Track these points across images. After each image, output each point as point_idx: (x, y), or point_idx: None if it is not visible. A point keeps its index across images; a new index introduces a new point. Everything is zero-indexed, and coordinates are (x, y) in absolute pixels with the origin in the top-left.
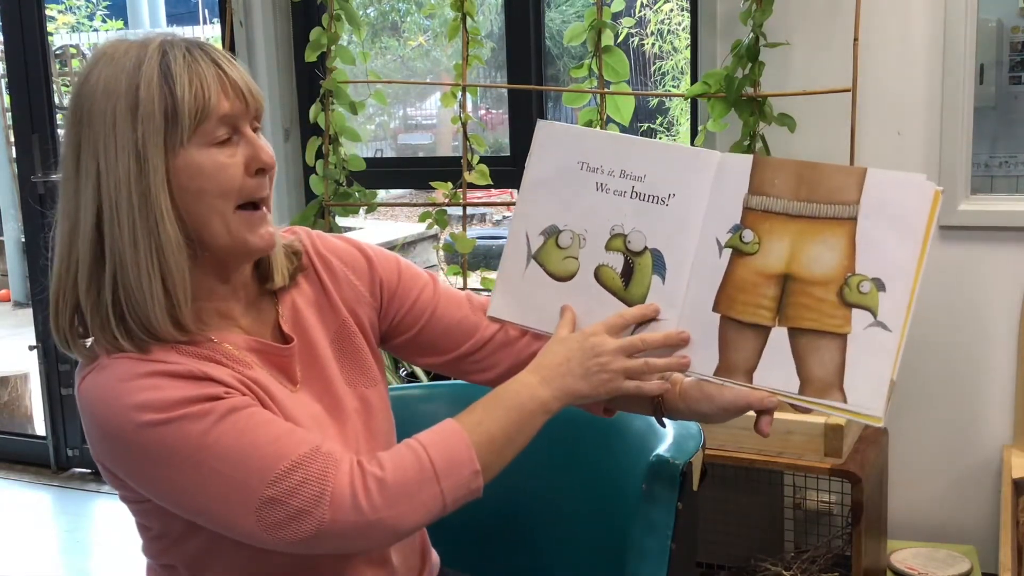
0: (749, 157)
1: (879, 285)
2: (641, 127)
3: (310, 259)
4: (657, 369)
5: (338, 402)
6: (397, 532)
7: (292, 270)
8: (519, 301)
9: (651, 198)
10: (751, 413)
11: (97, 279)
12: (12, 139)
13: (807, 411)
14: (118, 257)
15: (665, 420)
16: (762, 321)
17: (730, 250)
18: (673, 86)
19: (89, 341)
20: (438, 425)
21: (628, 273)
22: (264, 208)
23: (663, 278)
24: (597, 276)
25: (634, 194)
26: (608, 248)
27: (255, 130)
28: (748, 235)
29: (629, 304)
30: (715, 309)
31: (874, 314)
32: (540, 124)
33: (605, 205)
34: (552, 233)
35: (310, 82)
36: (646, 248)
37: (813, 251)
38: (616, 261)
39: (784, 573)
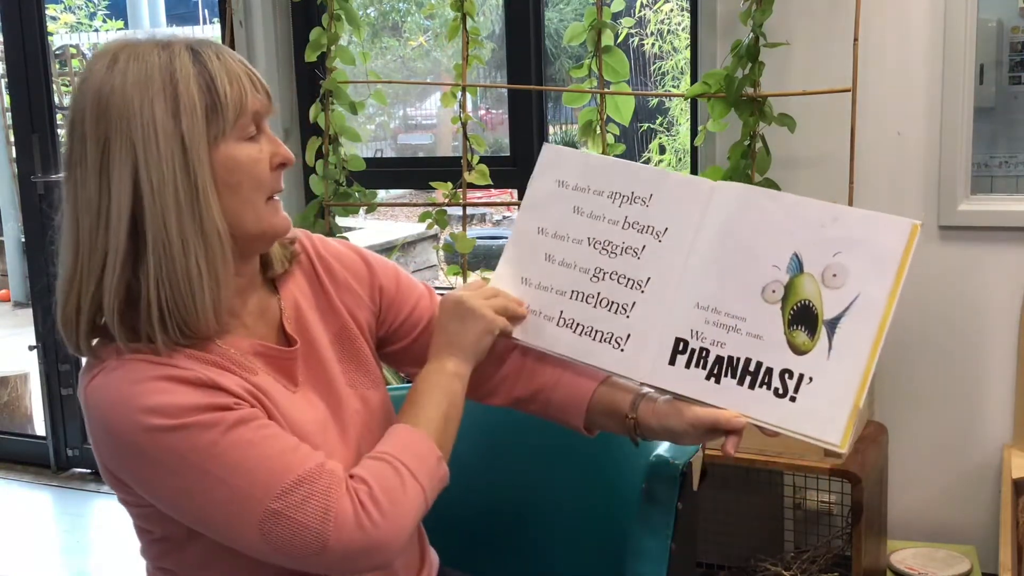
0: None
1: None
2: (641, 127)
3: (311, 261)
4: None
5: (339, 403)
6: (400, 541)
7: (288, 256)
8: None
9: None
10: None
11: (131, 273)
12: (12, 139)
13: (774, 435)
14: (163, 250)
15: (638, 440)
16: None
17: None
18: (673, 86)
19: (95, 341)
20: (388, 434)
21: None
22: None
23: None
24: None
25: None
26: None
27: None
28: None
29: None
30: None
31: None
32: (546, 147)
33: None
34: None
35: (310, 82)
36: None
37: None
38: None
39: (784, 573)
